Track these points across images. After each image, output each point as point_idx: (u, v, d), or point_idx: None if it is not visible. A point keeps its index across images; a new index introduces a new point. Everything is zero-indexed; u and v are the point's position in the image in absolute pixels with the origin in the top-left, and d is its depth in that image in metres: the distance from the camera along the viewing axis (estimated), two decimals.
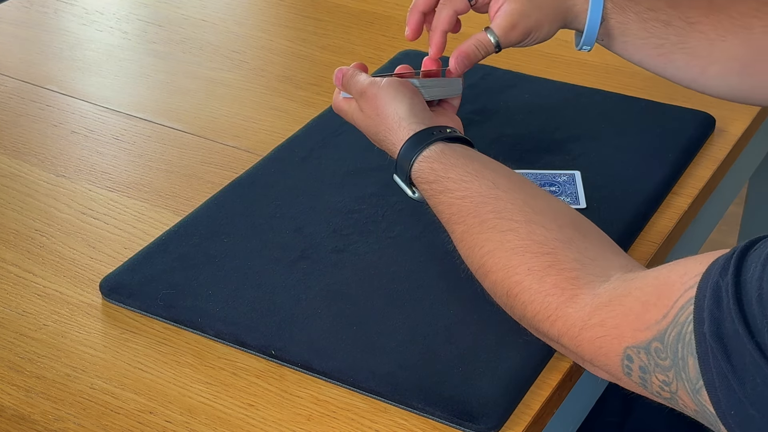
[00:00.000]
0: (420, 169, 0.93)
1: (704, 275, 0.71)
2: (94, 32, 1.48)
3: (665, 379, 0.74)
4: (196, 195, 1.13)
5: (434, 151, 0.93)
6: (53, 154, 1.21)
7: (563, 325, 0.81)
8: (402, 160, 0.95)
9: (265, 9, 1.59)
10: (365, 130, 1.01)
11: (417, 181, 0.94)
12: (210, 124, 1.27)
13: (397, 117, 0.96)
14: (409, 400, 0.87)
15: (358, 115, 1.01)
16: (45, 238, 1.08)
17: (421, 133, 0.95)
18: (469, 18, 1.10)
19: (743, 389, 0.67)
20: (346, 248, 1.02)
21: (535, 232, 0.85)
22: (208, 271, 1.00)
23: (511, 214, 0.87)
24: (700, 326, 0.70)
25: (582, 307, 0.80)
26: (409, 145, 0.94)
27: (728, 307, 0.68)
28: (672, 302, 0.73)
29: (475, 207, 0.89)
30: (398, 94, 0.98)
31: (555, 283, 0.82)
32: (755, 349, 0.66)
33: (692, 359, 0.71)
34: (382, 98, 0.98)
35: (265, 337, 0.93)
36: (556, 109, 1.25)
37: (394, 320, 0.94)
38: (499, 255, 0.86)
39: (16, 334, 0.96)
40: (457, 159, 0.93)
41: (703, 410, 0.72)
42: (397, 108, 0.97)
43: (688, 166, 1.16)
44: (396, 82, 0.99)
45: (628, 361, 0.77)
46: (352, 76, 1.01)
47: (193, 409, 0.88)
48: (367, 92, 0.99)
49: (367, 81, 1.00)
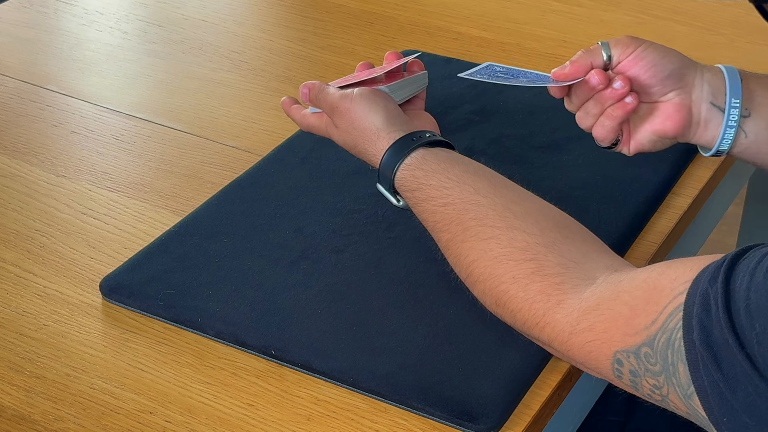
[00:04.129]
0: (402, 178, 0.93)
1: (694, 282, 0.71)
2: (94, 32, 1.48)
3: (656, 383, 0.74)
4: (196, 195, 1.13)
5: (415, 158, 0.93)
6: (53, 154, 1.21)
7: (552, 331, 0.81)
8: (384, 169, 0.94)
9: (265, 9, 1.59)
10: (343, 144, 1.00)
11: (401, 190, 0.94)
12: (210, 124, 1.27)
13: (375, 128, 0.96)
14: (409, 400, 0.87)
15: (332, 131, 1.00)
16: (45, 239, 1.08)
17: (400, 141, 0.94)
18: (470, 19, 1.10)
19: (735, 397, 0.67)
20: (346, 248, 1.02)
21: (516, 239, 0.85)
22: (209, 271, 1.00)
23: (492, 221, 0.87)
24: (690, 333, 0.70)
25: (569, 312, 0.80)
26: (390, 154, 0.94)
27: (717, 316, 0.68)
28: (661, 308, 0.73)
29: (457, 215, 0.89)
30: (372, 105, 0.96)
31: (540, 289, 0.82)
32: (745, 360, 0.66)
33: (682, 366, 0.71)
34: (356, 111, 0.96)
35: (266, 337, 0.93)
36: (556, 109, 1.24)
37: (394, 320, 0.94)
38: (484, 264, 0.86)
39: (16, 334, 0.96)
40: (438, 164, 0.92)
41: (696, 414, 0.72)
42: (373, 119, 0.96)
43: (688, 166, 1.16)
44: (367, 92, 0.97)
45: (618, 365, 0.77)
46: (320, 90, 1.00)
47: (193, 409, 0.88)
48: (340, 107, 0.97)
49: (338, 95, 0.98)
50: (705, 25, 1.44)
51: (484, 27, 1.45)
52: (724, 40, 1.41)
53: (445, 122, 1.19)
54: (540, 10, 1.50)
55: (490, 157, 1.03)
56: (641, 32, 1.43)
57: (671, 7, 1.48)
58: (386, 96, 0.99)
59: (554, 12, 1.49)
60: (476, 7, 1.50)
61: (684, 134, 0.97)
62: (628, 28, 1.44)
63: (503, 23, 1.46)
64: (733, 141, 0.95)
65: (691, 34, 1.42)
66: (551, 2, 1.51)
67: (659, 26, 1.45)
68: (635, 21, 1.46)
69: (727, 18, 1.16)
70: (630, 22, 1.46)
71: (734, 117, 0.94)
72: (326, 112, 0.99)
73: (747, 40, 1.40)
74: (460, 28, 1.44)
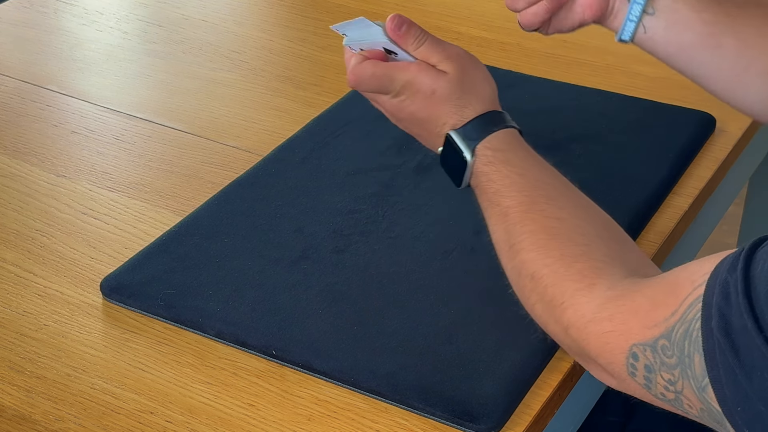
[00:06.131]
0: (496, 137, 0.93)
1: (713, 273, 0.72)
2: (94, 32, 1.48)
3: (671, 378, 0.74)
4: (197, 195, 1.13)
5: (513, 129, 0.95)
6: (53, 154, 1.21)
7: (573, 314, 0.81)
8: (485, 121, 0.94)
9: (265, 9, 1.59)
10: (435, 88, 0.95)
11: (486, 144, 0.93)
12: (210, 124, 1.27)
13: (492, 93, 0.97)
14: (409, 400, 0.87)
15: (434, 73, 0.96)
16: (45, 239, 1.08)
17: (501, 113, 0.96)
18: (470, 19, 1.10)
19: (751, 384, 0.68)
20: (347, 248, 1.02)
21: (579, 226, 0.87)
22: (209, 271, 1.00)
23: (561, 204, 0.89)
24: (708, 322, 0.70)
25: (594, 298, 0.80)
26: (495, 116, 0.95)
27: (737, 303, 0.68)
28: (681, 300, 0.73)
29: (530, 187, 0.90)
30: (489, 76, 0.98)
31: (580, 269, 0.83)
32: (764, 344, 0.67)
33: (698, 356, 0.71)
34: (482, 72, 0.98)
35: (266, 337, 0.93)
36: (556, 109, 1.25)
37: (394, 320, 0.94)
38: (538, 237, 0.87)
39: (16, 335, 0.96)
40: (524, 145, 0.94)
41: (709, 408, 0.72)
42: (492, 87, 0.98)
43: (688, 166, 1.16)
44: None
45: (633, 360, 0.77)
46: (439, 42, 0.97)
47: (193, 409, 0.88)
48: (463, 58, 0.97)
49: (458, 48, 0.98)
50: None
51: (484, 27, 1.45)
52: None
53: None
54: None
55: None
56: None
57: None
58: None
59: None
60: (476, 7, 1.50)
61: (601, 21, 1.05)
62: None
63: (503, 23, 1.46)
64: (633, 34, 1.02)
65: None
66: None
67: None
68: None
69: None
70: None
71: (635, 12, 1.01)
72: (440, 58, 0.96)
73: None
74: (460, 28, 1.45)
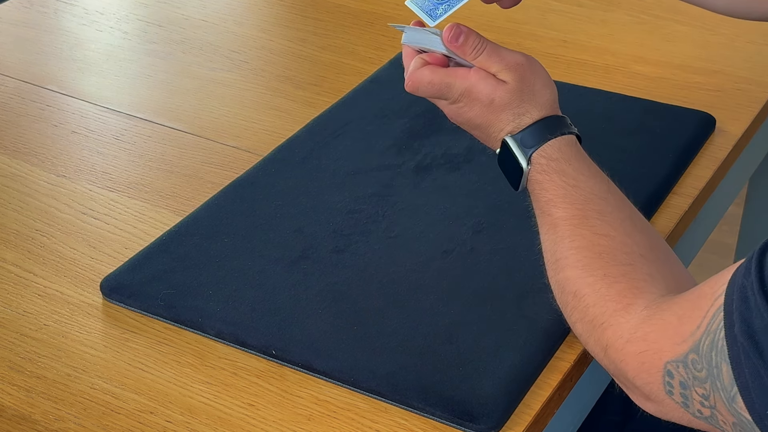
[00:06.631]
0: (552, 145, 0.92)
1: (730, 281, 0.73)
2: (94, 32, 1.48)
3: (704, 392, 0.74)
4: (197, 195, 1.13)
5: (570, 136, 0.93)
6: (53, 154, 1.21)
7: (613, 334, 0.82)
8: (542, 128, 0.92)
9: (265, 9, 1.59)
10: (493, 98, 0.93)
11: (541, 153, 0.92)
12: (210, 124, 1.27)
13: (552, 97, 0.94)
14: (409, 400, 0.87)
15: (490, 82, 0.93)
16: (45, 238, 1.08)
17: (560, 119, 0.94)
18: (470, 19, 1.10)
19: None
20: (347, 248, 1.02)
21: (626, 244, 0.86)
22: (209, 271, 1.00)
23: (612, 220, 0.88)
24: (731, 329, 0.71)
25: (631, 319, 0.81)
26: (553, 121, 0.93)
27: (756, 304, 0.69)
28: (704, 312, 0.74)
29: (582, 200, 0.89)
30: (549, 80, 0.95)
31: (620, 290, 0.83)
32: None
33: (725, 366, 0.71)
34: (542, 78, 0.94)
35: (266, 337, 0.93)
36: None
37: (394, 320, 0.94)
38: (586, 253, 0.86)
39: (16, 334, 0.96)
40: (582, 154, 0.93)
41: (741, 420, 0.72)
42: (552, 91, 0.95)
43: (688, 166, 1.16)
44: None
45: (669, 378, 0.77)
46: (498, 51, 0.94)
47: (193, 409, 0.88)
48: (523, 67, 0.94)
49: (518, 56, 0.94)
50: (705, 25, 1.44)
51: (484, 27, 1.44)
52: (724, 40, 1.41)
53: (446, 122, 1.19)
54: (540, 10, 1.50)
55: (491, 157, 1.03)
56: (641, 32, 1.43)
57: (671, 7, 1.48)
58: None
59: (554, 12, 1.49)
60: (476, 7, 1.50)
61: None
62: (628, 27, 1.45)
63: (503, 23, 1.46)
64: None
65: (691, 34, 1.42)
66: (551, 2, 1.51)
67: (659, 26, 1.45)
68: (635, 21, 1.46)
69: (727, 18, 1.16)
70: (630, 22, 1.46)
71: None
72: (508, 66, 0.93)
73: (747, 39, 1.41)
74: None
